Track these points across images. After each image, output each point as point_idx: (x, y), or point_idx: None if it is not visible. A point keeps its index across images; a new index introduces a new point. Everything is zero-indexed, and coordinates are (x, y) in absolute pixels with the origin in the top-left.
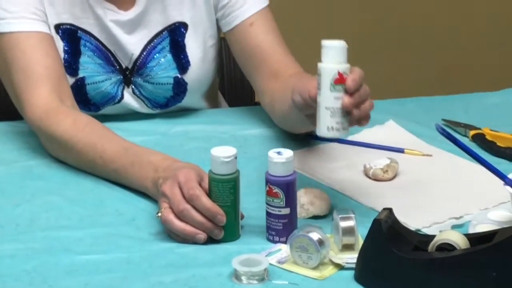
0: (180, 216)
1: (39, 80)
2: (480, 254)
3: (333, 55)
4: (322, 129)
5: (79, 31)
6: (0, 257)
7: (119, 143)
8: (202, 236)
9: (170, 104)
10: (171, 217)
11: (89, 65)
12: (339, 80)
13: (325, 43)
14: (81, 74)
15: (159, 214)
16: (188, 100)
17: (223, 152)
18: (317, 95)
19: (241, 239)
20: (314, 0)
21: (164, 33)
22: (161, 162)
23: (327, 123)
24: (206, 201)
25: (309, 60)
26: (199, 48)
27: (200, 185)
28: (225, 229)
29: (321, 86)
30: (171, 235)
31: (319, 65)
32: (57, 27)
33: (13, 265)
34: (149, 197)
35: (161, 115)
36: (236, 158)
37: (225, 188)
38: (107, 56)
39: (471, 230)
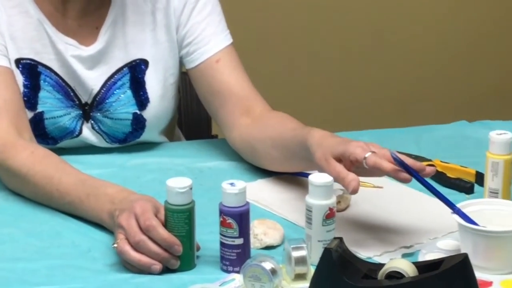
0: (136, 247)
1: None
2: (427, 281)
3: (323, 192)
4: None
5: (39, 66)
6: None
7: (76, 175)
8: (157, 266)
9: (128, 139)
10: (127, 248)
11: (48, 100)
12: (330, 214)
13: (314, 181)
14: (40, 108)
15: (115, 245)
16: (147, 136)
17: (179, 183)
18: (307, 228)
19: (196, 269)
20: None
21: (124, 69)
22: (118, 194)
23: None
24: (162, 232)
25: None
26: (158, 85)
27: (156, 216)
28: (181, 259)
29: (312, 221)
30: (126, 266)
31: (310, 201)
32: (18, 61)
33: None
34: (105, 228)
35: (118, 147)
36: (191, 189)
37: (180, 218)
38: (67, 91)
39: (421, 259)
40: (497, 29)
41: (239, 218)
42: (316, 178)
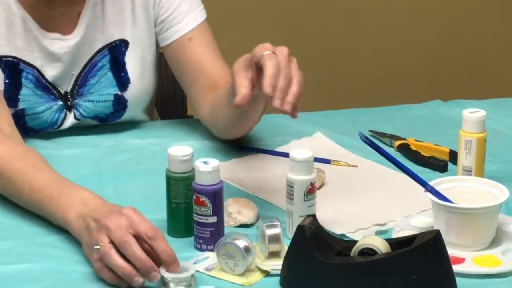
0: (122, 246)
1: None
2: (400, 257)
3: (304, 168)
4: None
5: (21, 64)
6: None
7: (51, 174)
8: (140, 279)
9: (109, 119)
10: (113, 252)
11: (29, 97)
12: (311, 189)
13: (295, 157)
14: (21, 105)
15: (98, 247)
16: (127, 116)
17: (180, 151)
18: (289, 204)
19: None
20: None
21: (104, 50)
22: (92, 200)
23: None
24: (163, 244)
25: None
26: (138, 65)
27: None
28: (184, 226)
29: (294, 197)
30: (102, 274)
31: (291, 177)
32: None
33: None
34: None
35: (94, 128)
36: (192, 156)
37: (184, 186)
38: (46, 86)
39: (394, 236)
40: (471, 6)
41: (212, 196)
42: (297, 154)
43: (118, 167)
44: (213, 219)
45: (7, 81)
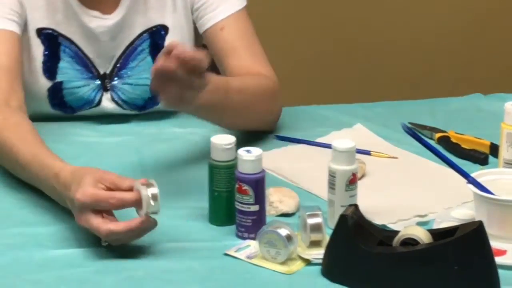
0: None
1: None
2: (442, 248)
3: (346, 158)
4: None
5: (59, 37)
6: None
7: (34, 149)
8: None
9: (148, 106)
10: (108, 226)
11: (67, 70)
12: (353, 180)
13: (337, 147)
14: (59, 78)
15: (105, 243)
16: None
17: (223, 139)
18: (330, 193)
19: (211, 236)
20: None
21: (144, 35)
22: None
23: None
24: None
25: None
26: None
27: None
28: (226, 214)
29: (335, 187)
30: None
31: (333, 167)
32: (39, 31)
33: None
34: None
35: (135, 117)
36: (235, 145)
37: (226, 174)
38: (86, 63)
39: (435, 227)
40: None
41: (255, 184)
42: (340, 144)
43: (159, 155)
44: (255, 208)
45: (46, 52)
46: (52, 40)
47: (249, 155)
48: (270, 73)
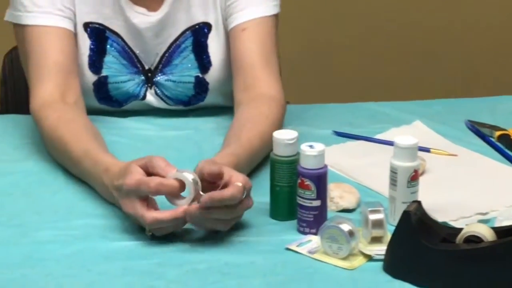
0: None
1: (47, 75)
2: (507, 246)
3: (408, 154)
4: None
5: (107, 31)
6: (40, 242)
7: (86, 145)
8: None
9: (192, 102)
10: (151, 214)
11: (113, 65)
12: (415, 176)
13: (400, 143)
14: (104, 72)
15: (149, 233)
16: (210, 99)
17: (286, 135)
18: (391, 190)
19: (272, 231)
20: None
21: (187, 32)
22: (110, 170)
23: None
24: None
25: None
26: (221, 49)
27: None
28: (287, 209)
29: (397, 183)
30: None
31: (395, 163)
32: (86, 25)
33: (53, 250)
34: None
35: (193, 111)
36: (297, 140)
37: (289, 169)
38: (131, 57)
39: (497, 226)
40: None
41: (317, 180)
42: (402, 140)
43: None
44: (317, 203)
45: (92, 47)
46: (99, 35)
47: (312, 150)
48: (276, 90)
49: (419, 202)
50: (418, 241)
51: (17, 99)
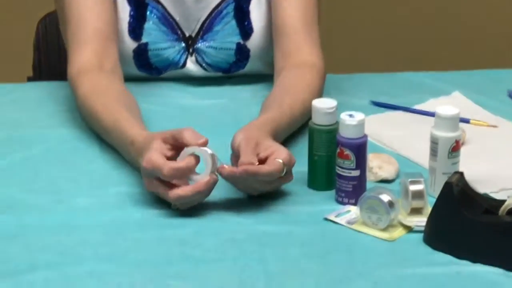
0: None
1: (85, 41)
2: None
3: (450, 125)
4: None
5: None
6: (76, 209)
7: (115, 115)
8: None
9: (232, 69)
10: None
11: (153, 31)
12: (456, 147)
13: (441, 113)
14: (144, 39)
15: (176, 207)
16: (251, 66)
17: (325, 103)
18: (432, 161)
19: (310, 200)
20: None
21: None
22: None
23: None
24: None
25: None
26: (262, 15)
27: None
28: (326, 179)
29: (438, 153)
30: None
31: (435, 133)
32: None
33: (89, 217)
34: None
35: (228, 80)
36: (337, 109)
37: (327, 138)
38: (172, 24)
39: None
40: None
41: (357, 149)
42: (444, 110)
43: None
44: (356, 173)
45: (132, 13)
46: (139, 1)
47: (351, 119)
48: (317, 58)
49: (461, 173)
50: (460, 213)
51: (49, 66)
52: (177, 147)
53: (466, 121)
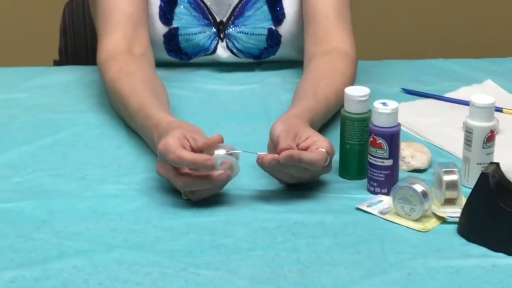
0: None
1: (115, 26)
2: None
3: (485, 114)
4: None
5: None
6: (104, 196)
7: (141, 99)
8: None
9: (263, 56)
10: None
11: (184, 16)
12: (491, 137)
13: (476, 102)
14: (175, 24)
15: (185, 197)
16: (282, 52)
17: (358, 91)
18: (466, 150)
19: (342, 190)
20: None
21: None
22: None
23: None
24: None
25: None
26: (294, 1)
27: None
28: (357, 168)
29: (472, 143)
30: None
31: (471, 123)
32: None
33: (117, 204)
34: None
35: (257, 66)
36: (370, 97)
37: (360, 127)
38: (203, 9)
39: None
40: None
41: (390, 138)
42: (479, 99)
43: (285, 105)
44: (389, 162)
45: None
46: None
47: (385, 107)
48: (349, 45)
49: (497, 164)
50: (496, 204)
51: (76, 50)
52: (194, 149)
53: (499, 110)
